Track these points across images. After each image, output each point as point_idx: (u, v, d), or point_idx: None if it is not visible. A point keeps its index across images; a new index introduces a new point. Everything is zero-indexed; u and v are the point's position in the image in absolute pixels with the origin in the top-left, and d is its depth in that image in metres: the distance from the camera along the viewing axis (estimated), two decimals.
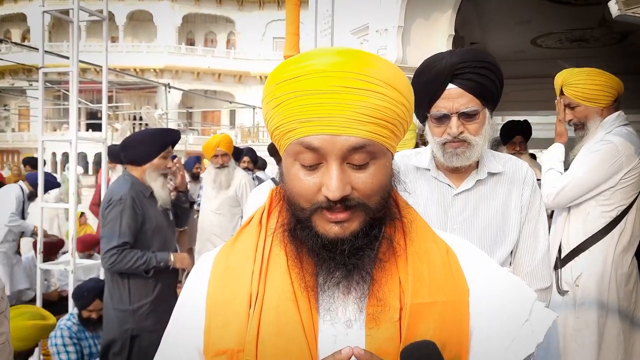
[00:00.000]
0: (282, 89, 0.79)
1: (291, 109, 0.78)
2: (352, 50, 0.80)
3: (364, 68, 0.77)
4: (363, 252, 0.80)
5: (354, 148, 0.77)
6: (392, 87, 0.79)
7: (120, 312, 2.82)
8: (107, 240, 2.75)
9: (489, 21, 6.71)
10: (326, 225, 0.79)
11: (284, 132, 0.81)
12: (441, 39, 4.43)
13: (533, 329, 0.86)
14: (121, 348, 2.81)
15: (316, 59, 0.78)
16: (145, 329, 2.80)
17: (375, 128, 0.78)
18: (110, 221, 2.76)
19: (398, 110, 0.80)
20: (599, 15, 6.04)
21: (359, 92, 0.76)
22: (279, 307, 0.82)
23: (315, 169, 0.79)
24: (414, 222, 0.90)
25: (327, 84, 0.76)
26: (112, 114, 20.01)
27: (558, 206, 2.51)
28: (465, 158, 1.52)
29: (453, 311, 0.84)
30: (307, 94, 0.77)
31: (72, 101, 4.06)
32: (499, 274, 0.92)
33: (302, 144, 0.78)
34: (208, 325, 0.86)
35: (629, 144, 2.38)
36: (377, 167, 0.80)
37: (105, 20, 4.32)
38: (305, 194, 0.79)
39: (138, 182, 2.87)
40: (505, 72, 1.55)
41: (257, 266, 0.86)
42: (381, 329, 0.81)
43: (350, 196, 0.78)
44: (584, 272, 2.42)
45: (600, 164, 2.39)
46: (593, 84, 2.45)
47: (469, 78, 1.48)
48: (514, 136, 4.09)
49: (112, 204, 2.78)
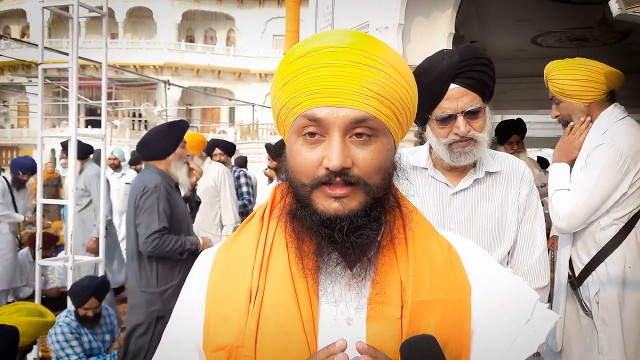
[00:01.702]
0: (292, 67, 0.82)
1: (298, 84, 0.81)
2: (362, 33, 0.83)
3: (373, 48, 0.80)
4: (362, 232, 0.80)
5: (356, 120, 0.79)
6: (398, 71, 0.82)
7: (148, 295, 3.01)
8: (146, 226, 2.94)
9: (489, 20, 6.70)
10: (325, 202, 0.80)
11: (290, 108, 0.83)
12: (441, 37, 4.43)
13: (535, 329, 0.87)
14: (146, 329, 2.98)
15: (326, 38, 0.82)
16: (170, 310, 2.91)
17: (379, 105, 0.80)
18: (148, 208, 2.94)
19: (401, 93, 0.82)
20: (599, 15, 6.04)
21: (365, 68, 0.79)
22: (279, 303, 0.82)
23: (317, 144, 0.80)
24: (413, 212, 0.91)
25: (333, 57, 0.79)
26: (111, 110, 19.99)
27: (573, 229, 2.23)
28: (472, 155, 1.53)
29: (454, 310, 0.84)
30: (315, 67, 0.79)
31: (72, 98, 4.05)
32: (501, 274, 0.93)
33: (307, 116, 0.80)
34: (207, 321, 0.86)
35: (631, 141, 2.16)
36: (378, 146, 0.81)
37: (105, 17, 4.31)
38: (306, 169, 0.80)
39: (164, 173, 3.08)
40: (505, 70, 1.55)
41: (257, 262, 0.86)
42: (383, 325, 0.81)
43: (350, 171, 0.78)
44: (602, 288, 2.19)
45: (604, 173, 2.14)
46: (573, 79, 2.20)
47: (470, 76, 1.48)
48: (510, 136, 4.09)
49: (147, 192, 2.96)
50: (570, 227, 2.22)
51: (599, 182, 2.14)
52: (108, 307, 3.82)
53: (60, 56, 7.63)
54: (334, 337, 0.82)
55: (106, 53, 4.25)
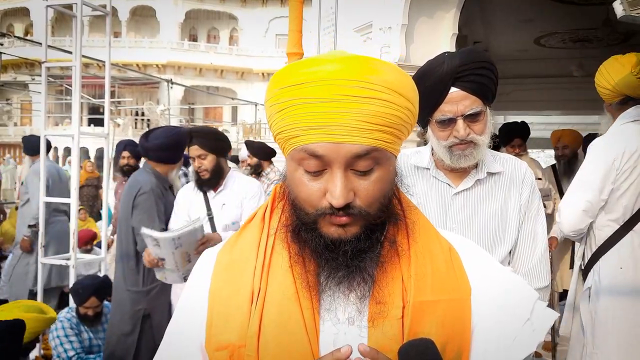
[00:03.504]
0: (286, 95, 0.79)
1: (294, 116, 0.79)
2: (354, 57, 0.79)
3: (367, 75, 0.77)
4: (365, 255, 0.81)
5: (357, 155, 0.77)
6: (396, 92, 0.79)
7: (134, 294, 3.03)
8: (146, 226, 2.94)
9: (493, 20, 6.69)
10: (330, 228, 0.80)
11: (287, 138, 0.81)
12: (444, 38, 4.42)
13: (534, 328, 0.87)
14: (132, 329, 2.99)
15: (319, 66, 0.78)
16: (157, 307, 3.01)
17: (379, 135, 0.78)
18: (147, 209, 2.98)
19: (402, 115, 0.81)
20: (602, 15, 6.02)
21: (361, 100, 0.76)
22: (281, 303, 0.83)
23: (319, 175, 0.79)
24: (417, 222, 0.90)
25: (329, 92, 0.76)
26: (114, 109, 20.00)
27: (572, 225, 2.28)
28: (473, 158, 1.53)
29: (455, 310, 0.84)
30: (310, 101, 0.77)
31: (75, 96, 4.06)
32: (501, 273, 0.93)
33: (306, 151, 0.78)
34: (210, 320, 0.86)
35: (628, 139, 2.21)
36: (380, 173, 0.80)
37: (109, 16, 4.32)
38: (310, 200, 0.80)
39: (160, 175, 3.12)
40: (508, 71, 1.55)
41: (259, 262, 0.87)
42: (384, 326, 0.82)
43: (352, 204, 0.78)
44: (594, 285, 2.25)
45: (589, 163, 2.24)
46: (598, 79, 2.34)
47: (471, 80, 1.48)
48: (513, 138, 4.08)
49: (145, 193, 3.01)
50: (568, 222, 2.26)
51: (588, 175, 2.23)
52: (109, 305, 3.83)
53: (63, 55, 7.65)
54: (335, 338, 0.82)
55: (109, 51, 4.26)
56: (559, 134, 4.51)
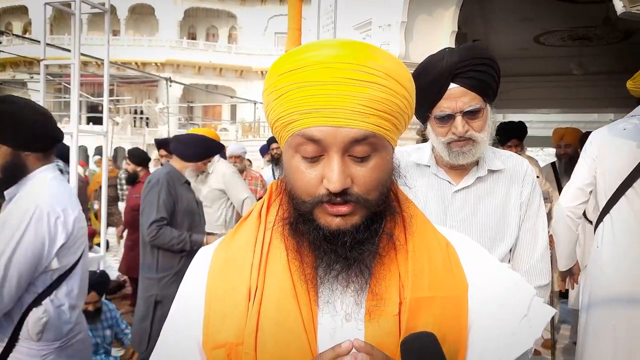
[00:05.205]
0: (284, 80, 0.79)
1: (293, 100, 0.78)
2: (354, 42, 0.80)
3: (366, 60, 0.77)
4: (364, 247, 0.80)
5: (355, 140, 0.77)
6: (394, 79, 0.79)
7: (148, 280, 3.14)
8: (147, 216, 3.09)
9: (492, 18, 6.69)
10: (328, 218, 0.79)
11: (285, 124, 0.80)
12: (444, 35, 4.42)
13: (531, 324, 0.86)
14: (145, 314, 3.09)
15: (318, 51, 0.78)
16: (168, 296, 3.08)
17: (377, 120, 0.78)
18: (150, 200, 3.11)
19: (400, 103, 0.80)
20: (602, 14, 6.03)
21: (360, 84, 0.76)
22: (279, 300, 0.82)
23: (316, 161, 0.79)
24: (414, 217, 0.90)
25: (329, 75, 0.76)
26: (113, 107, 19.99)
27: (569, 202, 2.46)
28: (471, 155, 1.52)
29: (452, 306, 0.84)
30: (308, 85, 0.76)
31: (74, 94, 4.06)
32: (498, 270, 0.92)
33: (304, 135, 0.78)
34: (207, 318, 0.85)
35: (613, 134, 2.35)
36: (377, 161, 0.80)
37: (107, 13, 4.31)
38: (307, 187, 0.79)
39: (175, 170, 3.24)
40: (508, 69, 1.54)
41: (256, 259, 0.86)
42: (380, 322, 0.81)
43: (349, 190, 0.78)
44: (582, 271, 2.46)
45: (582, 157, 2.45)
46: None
47: (471, 76, 1.47)
48: (510, 139, 4.08)
49: (150, 185, 3.15)
50: (564, 198, 2.47)
51: (578, 165, 2.45)
52: (108, 303, 3.83)
53: (62, 53, 7.64)
54: (333, 334, 0.82)
55: (108, 50, 4.25)
56: (561, 132, 4.50)
